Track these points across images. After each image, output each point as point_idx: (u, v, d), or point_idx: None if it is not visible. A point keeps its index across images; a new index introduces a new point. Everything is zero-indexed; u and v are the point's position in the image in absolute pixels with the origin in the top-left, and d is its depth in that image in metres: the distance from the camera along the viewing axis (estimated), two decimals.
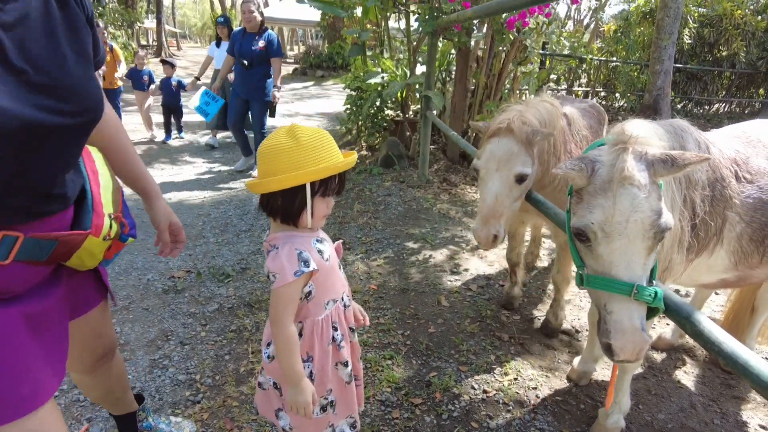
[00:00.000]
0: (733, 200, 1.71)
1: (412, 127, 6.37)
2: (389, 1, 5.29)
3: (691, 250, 1.70)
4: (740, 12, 11.94)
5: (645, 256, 1.29)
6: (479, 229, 2.11)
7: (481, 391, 2.33)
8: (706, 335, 1.20)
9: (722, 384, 2.51)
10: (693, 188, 1.62)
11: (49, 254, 1.03)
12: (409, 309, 3.01)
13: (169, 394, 2.28)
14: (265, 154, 1.29)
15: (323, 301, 1.41)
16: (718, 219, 1.70)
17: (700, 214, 1.64)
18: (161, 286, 3.24)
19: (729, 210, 1.71)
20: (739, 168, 1.77)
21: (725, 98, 13.33)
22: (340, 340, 1.46)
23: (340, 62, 18.26)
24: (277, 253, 1.30)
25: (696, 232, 1.66)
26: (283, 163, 1.26)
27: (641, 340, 1.27)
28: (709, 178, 1.67)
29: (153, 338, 2.68)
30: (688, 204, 1.61)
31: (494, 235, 2.09)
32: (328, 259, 1.40)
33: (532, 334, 2.82)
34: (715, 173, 1.69)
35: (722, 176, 1.71)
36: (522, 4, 2.58)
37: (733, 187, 1.72)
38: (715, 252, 1.76)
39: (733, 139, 1.89)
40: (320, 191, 1.32)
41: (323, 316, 1.42)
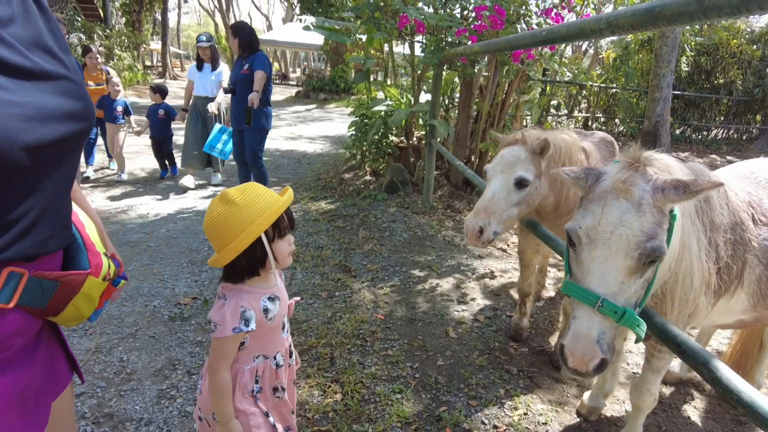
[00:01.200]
0: (752, 243, 1.72)
1: (416, 153, 6.44)
2: (394, 32, 5.40)
3: (716, 294, 1.71)
4: (736, 41, 12.19)
5: (624, 274, 1.27)
6: (469, 220, 2.20)
7: (491, 427, 2.32)
8: (724, 383, 1.21)
9: (732, 420, 2.49)
10: (717, 231, 1.62)
11: (49, 300, 0.91)
12: (417, 340, 3.00)
13: (177, 426, 2.26)
14: (212, 229, 1.34)
15: (253, 354, 1.48)
16: (738, 262, 1.70)
17: (724, 257, 1.64)
18: (168, 313, 3.24)
19: (748, 253, 1.71)
20: (755, 211, 1.77)
21: (723, 124, 13.51)
22: (257, 392, 1.50)
23: (343, 86, 18.53)
24: (223, 305, 1.37)
25: (720, 275, 1.67)
26: (232, 229, 1.31)
27: (592, 350, 1.26)
28: (730, 222, 1.67)
29: (160, 367, 2.67)
30: (713, 246, 1.62)
31: (480, 227, 2.16)
32: (272, 318, 1.45)
33: (541, 367, 2.82)
34: (734, 217, 1.69)
35: (741, 220, 1.71)
36: (530, 44, 2.64)
37: (751, 230, 1.72)
38: (735, 294, 1.76)
39: (742, 180, 1.91)
40: (276, 235, 1.40)
41: (249, 367, 1.48)
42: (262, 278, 1.45)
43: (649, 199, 1.28)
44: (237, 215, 1.31)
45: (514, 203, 2.21)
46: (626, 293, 1.29)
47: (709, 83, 12.71)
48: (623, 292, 1.28)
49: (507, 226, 2.28)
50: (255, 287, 1.44)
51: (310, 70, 22.18)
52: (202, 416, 1.54)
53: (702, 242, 1.56)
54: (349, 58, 7.01)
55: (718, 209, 1.65)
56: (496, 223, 2.18)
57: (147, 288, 3.56)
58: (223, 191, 1.36)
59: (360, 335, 3.00)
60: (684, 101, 12.78)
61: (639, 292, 1.33)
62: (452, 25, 4.64)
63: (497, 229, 2.19)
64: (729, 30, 12.60)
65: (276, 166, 7.83)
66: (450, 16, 4.91)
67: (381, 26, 5.16)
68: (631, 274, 1.28)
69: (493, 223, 2.17)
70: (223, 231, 1.32)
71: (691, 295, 1.59)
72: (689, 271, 1.55)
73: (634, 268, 1.27)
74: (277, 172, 7.36)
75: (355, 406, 2.38)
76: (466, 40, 4.55)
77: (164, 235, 4.56)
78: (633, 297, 1.32)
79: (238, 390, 1.47)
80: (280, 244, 1.41)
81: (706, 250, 1.59)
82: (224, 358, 1.39)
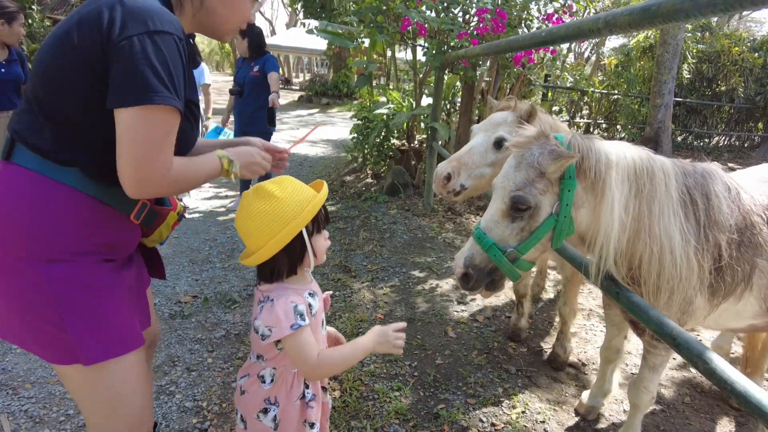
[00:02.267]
0: (765, 247, 1.69)
1: (418, 156, 6.47)
2: (396, 35, 5.44)
3: (716, 293, 1.69)
4: (738, 49, 12.22)
5: (499, 216, 1.56)
6: (439, 165, 2.27)
7: (489, 424, 2.32)
8: (718, 374, 1.22)
9: (731, 421, 2.49)
10: (718, 230, 1.61)
11: (152, 222, 1.40)
12: (416, 339, 3.01)
13: (175, 421, 2.27)
14: (251, 225, 1.30)
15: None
16: (746, 265, 1.68)
17: (726, 257, 1.63)
18: (168, 311, 3.25)
19: (759, 257, 1.69)
20: None
21: (725, 132, 13.51)
22: (309, 399, 1.44)
23: (345, 90, 18.58)
24: (273, 306, 1.31)
25: (722, 275, 1.66)
26: (275, 224, 1.28)
27: (460, 263, 1.60)
28: (737, 223, 1.66)
29: (160, 364, 2.68)
30: (711, 244, 1.61)
31: (449, 173, 2.22)
32: (314, 314, 1.41)
33: (539, 367, 2.82)
34: (745, 219, 1.67)
35: (753, 223, 1.69)
36: (530, 45, 2.67)
37: (765, 234, 1.70)
38: (743, 298, 1.73)
39: (762, 183, 1.87)
40: (314, 229, 1.37)
41: (296, 370, 1.41)
42: (299, 276, 1.42)
43: (529, 162, 1.52)
44: (278, 209, 1.28)
45: (489, 162, 2.24)
46: (500, 231, 1.56)
47: (711, 90, 12.72)
48: (497, 229, 1.56)
49: (476, 184, 2.28)
50: (294, 285, 1.40)
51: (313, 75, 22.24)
52: (243, 417, 1.46)
53: (688, 235, 1.57)
54: (352, 63, 7.06)
55: (725, 208, 1.62)
56: (466, 176, 2.23)
57: None
58: (256, 185, 1.34)
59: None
60: (686, 108, 12.79)
61: (516, 236, 1.55)
62: (454, 29, 4.67)
63: (466, 182, 2.23)
64: (731, 38, 12.63)
65: None
66: (452, 20, 4.94)
67: (383, 29, 5.20)
68: (503, 216, 1.55)
69: (463, 174, 2.22)
70: (265, 227, 1.28)
71: (678, 285, 1.59)
72: (667, 257, 1.56)
73: (505, 211, 1.54)
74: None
75: (353, 403, 2.39)
76: (467, 43, 4.58)
77: None
78: (510, 239, 1.55)
79: (284, 395, 1.39)
80: (318, 239, 1.39)
81: (699, 245, 1.59)
82: (309, 348, 1.32)
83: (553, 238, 1.55)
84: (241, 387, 1.46)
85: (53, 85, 1.15)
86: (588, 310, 3.60)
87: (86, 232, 1.21)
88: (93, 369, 1.23)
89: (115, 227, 1.28)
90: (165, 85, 1.10)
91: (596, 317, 3.49)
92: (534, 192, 1.50)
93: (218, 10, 1.33)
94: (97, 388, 1.27)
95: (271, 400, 1.40)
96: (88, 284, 1.20)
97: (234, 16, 1.37)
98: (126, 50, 1.07)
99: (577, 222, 1.56)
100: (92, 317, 1.21)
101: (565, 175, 1.50)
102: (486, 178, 2.27)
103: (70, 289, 1.18)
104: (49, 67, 1.16)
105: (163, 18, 1.13)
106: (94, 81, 1.12)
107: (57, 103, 1.16)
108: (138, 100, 1.08)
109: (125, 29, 1.08)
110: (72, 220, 1.19)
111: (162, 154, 1.14)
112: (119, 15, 1.09)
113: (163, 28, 1.11)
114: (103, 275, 1.25)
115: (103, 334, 1.22)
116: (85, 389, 1.28)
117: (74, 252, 1.19)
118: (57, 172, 1.17)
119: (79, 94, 1.14)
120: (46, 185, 1.17)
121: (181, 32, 1.18)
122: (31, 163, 1.17)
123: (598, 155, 1.53)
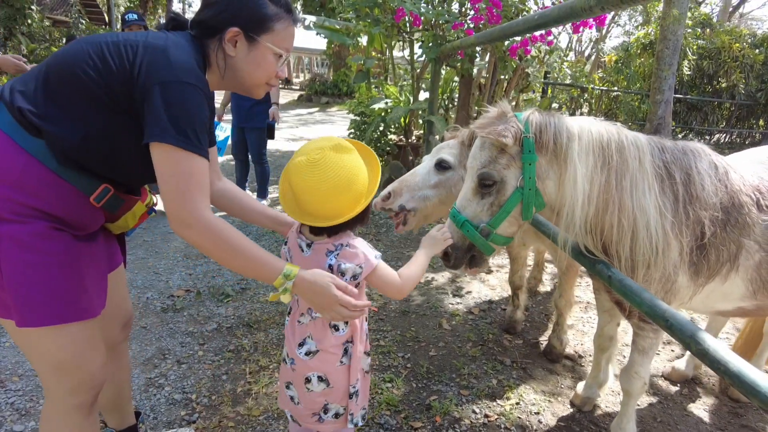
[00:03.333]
0: (753, 228, 1.67)
1: (415, 151, 6.43)
2: (394, 28, 5.40)
3: (700, 272, 1.67)
4: (738, 45, 12.15)
5: (471, 194, 1.63)
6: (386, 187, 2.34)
7: (482, 416, 2.28)
8: (711, 354, 1.17)
9: (730, 413, 2.45)
10: (700, 207, 1.59)
11: (116, 209, 1.42)
12: (410, 331, 2.97)
13: (164, 413, 2.24)
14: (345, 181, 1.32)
15: (364, 292, 1.51)
16: (731, 245, 1.66)
17: (708, 235, 1.61)
18: (160, 304, 3.22)
19: (746, 237, 1.66)
20: (762, 196, 1.72)
21: (725, 129, 13.45)
22: (366, 330, 1.56)
23: (345, 90, 18.54)
24: (353, 249, 1.38)
25: (705, 254, 1.64)
26: (363, 179, 1.38)
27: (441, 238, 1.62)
28: (722, 202, 1.63)
29: (150, 356, 2.65)
30: (692, 221, 1.59)
31: (389, 193, 2.28)
32: None
33: (535, 359, 2.78)
34: (733, 198, 1.65)
35: (741, 203, 1.66)
36: (523, 30, 2.62)
37: (753, 214, 1.67)
38: (729, 279, 1.71)
39: (757, 165, 1.85)
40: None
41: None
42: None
43: (491, 140, 1.56)
44: (361, 168, 1.38)
45: (432, 184, 2.28)
46: (472, 209, 1.62)
47: (712, 87, 12.64)
48: (469, 207, 1.63)
49: (421, 207, 2.29)
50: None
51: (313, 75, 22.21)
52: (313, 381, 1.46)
53: (664, 209, 1.55)
54: (351, 59, 7.03)
55: (708, 186, 1.61)
56: (408, 198, 2.27)
57: (141, 280, 3.55)
58: (332, 142, 1.36)
59: None
60: (686, 105, 12.72)
61: (487, 211, 1.61)
62: (449, 20, 4.64)
63: (407, 204, 2.26)
64: (731, 34, 12.56)
65: (276, 166, 7.81)
66: (447, 12, 4.91)
67: (379, 22, 5.17)
68: (474, 194, 1.62)
69: (405, 195, 2.27)
70: (354, 185, 1.34)
71: (655, 260, 1.56)
72: (641, 231, 1.54)
73: (474, 188, 1.61)
74: (277, 172, 7.33)
75: None
76: (463, 34, 4.54)
77: (161, 231, 4.55)
78: (482, 215, 1.61)
79: (359, 331, 1.48)
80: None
81: (677, 220, 1.56)
82: (392, 272, 1.44)
83: (523, 211, 1.60)
84: (303, 353, 1.45)
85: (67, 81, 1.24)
86: (585, 302, 3.55)
87: (37, 200, 1.23)
88: (28, 332, 1.27)
89: (70, 203, 1.29)
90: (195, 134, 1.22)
91: (593, 310, 3.45)
92: (498, 167, 1.57)
93: (242, 67, 1.39)
94: (35, 350, 1.32)
95: (348, 339, 1.47)
96: (35, 248, 1.22)
97: (257, 71, 1.41)
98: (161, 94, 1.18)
99: (546, 194, 1.59)
100: (35, 282, 1.23)
101: (524, 150, 1.54)
102: (432, 201, 2.29)
103: (15, 249, 1.20)
104: (70, 68, 1.23)
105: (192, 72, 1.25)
106: (107, 101, 1.23)
107: (63, 91, 1.24)
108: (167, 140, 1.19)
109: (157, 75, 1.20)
110: (25, 186, 1.22)
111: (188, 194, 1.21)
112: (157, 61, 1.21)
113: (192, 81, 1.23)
114: (55, 243, 1.26)
115: (43, 300, 1.24)
116: (25, 348, 1.35)
117: (24, 215, 1.21)
118: (24, 138, 1.22)
119: (86, 96, 1.23)
120: (9, 147, 1.21)
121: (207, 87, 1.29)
122: (4, 123, 1.22)
123: (558, 129, 1.54)
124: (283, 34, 1.41)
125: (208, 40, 1.37)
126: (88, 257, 1.37)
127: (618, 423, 2.02)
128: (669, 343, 3.10)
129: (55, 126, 1.23)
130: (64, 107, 1.24)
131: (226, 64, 1.38)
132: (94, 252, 1.42)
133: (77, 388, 1.37)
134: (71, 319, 1.29)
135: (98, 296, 1.41)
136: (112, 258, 1.59)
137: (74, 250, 1.31)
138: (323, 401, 1.48)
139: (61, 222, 1.29)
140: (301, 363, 1.45)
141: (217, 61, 1.38)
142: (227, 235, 1.24)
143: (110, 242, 1.57)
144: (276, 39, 1.40)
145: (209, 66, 1.39)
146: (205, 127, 1.27)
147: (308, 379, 1.45)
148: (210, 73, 1.40)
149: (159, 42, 1.25)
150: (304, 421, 1.54)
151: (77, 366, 1.35)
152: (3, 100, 1.24)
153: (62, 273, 1.27)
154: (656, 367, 2.79)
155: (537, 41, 4.79)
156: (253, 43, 1.37)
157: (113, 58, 1.22)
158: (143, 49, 1.23)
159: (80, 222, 1.34)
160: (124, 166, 1.37)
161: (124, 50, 1.23)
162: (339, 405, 1.49)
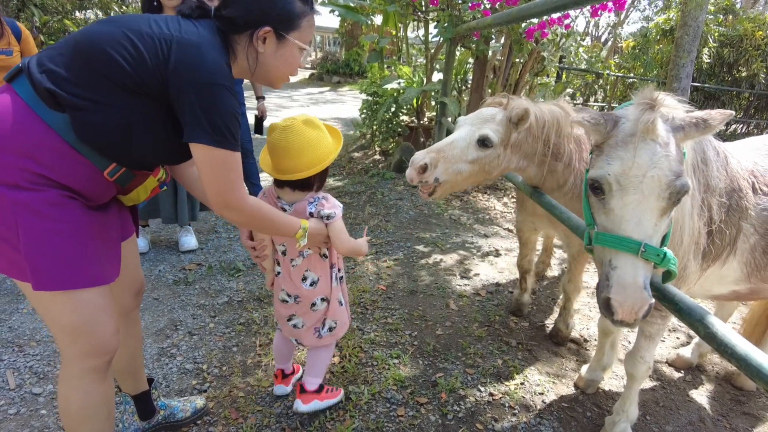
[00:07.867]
0: (749, 211, 1.70)
1: (427, 133, 6.39)
2: (409, 7, 5.33)
3: (706, 257, 1.69)
4: (761, 33, 11.85)
5: (657, 216, 1.26)
6: (418, 153, 2.17)
7: (487, 394, 2.32)
8: (719, 338, 1.19)
9: (732, 400, 2.47)
10: (711, 193, 1.61)
11: (128, 183, 1.47)
12: (418, 311, 3.01)
13: (175, 382, 2.30)
14: (305, 147, 1.71)
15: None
16: (732, 228, 1.69)
17: (716, 221, 1.63)
18: (172, 277, 3.27)
19: (744, 221, 1.69)
20: (757, 180, 1.75)
21: (743, 119, 13.20)
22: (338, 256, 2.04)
23: (357, 69, 18.38)
24: (328, 199, 1.82)
25: (712, 239, 1.66)
26: (324, 149, 1.75)
27: (642, 298, 1.24)
28: (726, 187, 1.66)
29: (162, 327, 2.71)
30: (705, 207, 1.60)
31: (426, 164, 2.10)
32: None
33: (540, 341, 2.81)
34: (732, 183, 1.67)
35: (739, 187, 1.69)
36: (541, 12, 2.59)
37: (750, 198, 1.71)
38: (727, 262, 1.74)
39: (752, 150, 1.88)
40: None
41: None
42: None
43: (672, 138, 1.27)
44: (326, 139, 1.76)
45: (469, 159, 2.12)
46: (659, 235, 1.28)
47: (731, 76, 12.37)
48: (657, 234, 1.27)
49: (452, 179, 2.16)
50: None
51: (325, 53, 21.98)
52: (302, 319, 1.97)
53: (696, 200, 1.55)
54: (364, 38, 6.96)
55: (715, 172, 1.63)
56: (442, 170, 2.11)
57: (153, 253, 3.60)
58: (304, 117, 1.74)
59: (361, 303, 3.00)
60: (704, 94, 12.46)
61: (664, 231, 1.32)
62: (466, 0, 4.57)
63: (441, 176, 2.11)
64: (755, 21, 12.23)
65: None
66: None
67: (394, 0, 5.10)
68: (663, 215, 1.27)
69: (440, 167, 2.10)
70: (317, 150, 1.72)
71: (680, 252, 1.57)
72: (680, 225, 1.53)
73: (665, 208, 1.26)
74: None
75: (352, 369, 2.40)
76: (479, 15, 4.48)
77: None
78: (660, 238, 1.31)
79: (339, 259, 2.00)
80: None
81: (699, 209, 1.57)
82: (345, 229, 1.84)
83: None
84: (308, 285, 1.91)
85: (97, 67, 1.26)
86: (592, 288, 3.56)
87: (51, 171, 1.27)
88: (43, 295, 1.31)
89: (84, 176, 1.34)
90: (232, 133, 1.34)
91: None
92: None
93: (270, 62, 1.46)
94: (49, 314, 1.36)
95: (334, 264, 1.97)
96: (49, 215, 1.26)
97: (284, 66, 1.50)
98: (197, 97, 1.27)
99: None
100: (48, 247, 1.27)
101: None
102: (463, 174, 2.15)
103: (30, 216, 1.24)
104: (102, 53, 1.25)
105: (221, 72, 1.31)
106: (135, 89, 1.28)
107: (92, 74, 1.26)
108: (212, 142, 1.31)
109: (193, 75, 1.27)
110: (41, 156, 1.25)
111: (229, 184, 1.37)
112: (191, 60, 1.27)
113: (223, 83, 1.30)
114: (68, 211, 1.30)
115: (55, 265, 1.28)
116: (40, 311, 1.39)
117: (38, 183, 1.25)
118: (44, 111, 1.25)
119: (115, 83, 1.27)
120: (29, 118, 1.25)
121: (232, 83, 1.35)
122: (26, 95, 1.25)
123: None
124: (308, 30, 1.48)
125: (235, 35, 1.41)
126: (101, 225, 1.42)
127: (621, 405, 2.05)
128: (674, 330, 3.12)
129: (80, 110, 1.26)
130: (91, 89, 1.26)
131: (257, 60, 1.45)
132: (107, 221, 1.46)
133: (90, 352, 1.41)
134: (83, 285, 1.33)
135: (112, 264, 1.45)
136: (125, 227, 1.64)
137: (87, 218, 1.35)
138: (323, 316, 1.96)
139: (74, 192, 1.33)
140: (307, 293, 1.91)
141: (247, 58, 1.43)
142: (260, 210, 1.49)
143: (122, 212, 1.62)
144: (302, 35, 1.46)
145: (234, 59, 1.44)
146: (237, 122, 1.35)
147: (314, 303, 1.93)
148: (234, 65, 1.45)
149: (193, 38, 1.29)
150: (307, 342, 1.99)
151: (90, 331, 1.39)
152: (29, 74, 1.26)
153: (75, 240, 1.31)
154: (660, 354, 2.81)
155: (554, 24, 4.71)
156: (282, 40, 1.43)
157: (148, 52, 1.26)
158: (177, 45, 1.27)
159: (92, 193, 1.39)
160: (142, 155, 1.42)
161: (159, 45, 1.27)
162: (331, 320, 1.97)
